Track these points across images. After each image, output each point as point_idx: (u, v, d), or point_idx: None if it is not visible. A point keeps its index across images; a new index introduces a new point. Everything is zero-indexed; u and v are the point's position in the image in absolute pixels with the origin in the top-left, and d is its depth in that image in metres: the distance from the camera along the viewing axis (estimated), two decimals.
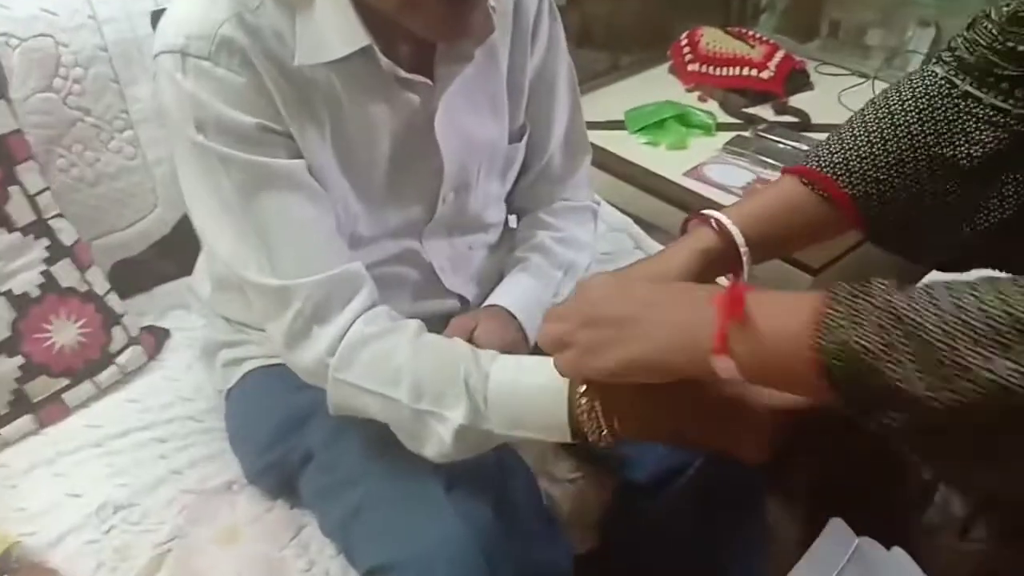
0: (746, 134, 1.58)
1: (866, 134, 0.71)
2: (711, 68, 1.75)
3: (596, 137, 1.54)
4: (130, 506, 0.88)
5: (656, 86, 1.80)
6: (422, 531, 0.74)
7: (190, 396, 1.03)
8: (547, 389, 0.66)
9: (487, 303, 0.91)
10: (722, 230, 0.70)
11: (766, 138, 1.55)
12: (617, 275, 0.69)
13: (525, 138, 0.94)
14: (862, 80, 1.76)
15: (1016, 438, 0.43)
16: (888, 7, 1.82)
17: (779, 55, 1.74)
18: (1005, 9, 0.66)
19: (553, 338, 0.61)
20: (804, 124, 1.61)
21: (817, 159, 0.72)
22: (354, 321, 0.73)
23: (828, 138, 0.74)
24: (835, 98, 1.71)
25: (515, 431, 0.69)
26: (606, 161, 1.52)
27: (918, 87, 0.71)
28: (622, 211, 1.34)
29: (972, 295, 0.42)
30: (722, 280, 0.73)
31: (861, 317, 0.45)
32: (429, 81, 0.78)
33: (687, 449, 0.87)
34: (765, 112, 1.67)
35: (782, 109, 1.66)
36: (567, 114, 0.96)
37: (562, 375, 0.63)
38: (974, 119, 0.68)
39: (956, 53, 0.70)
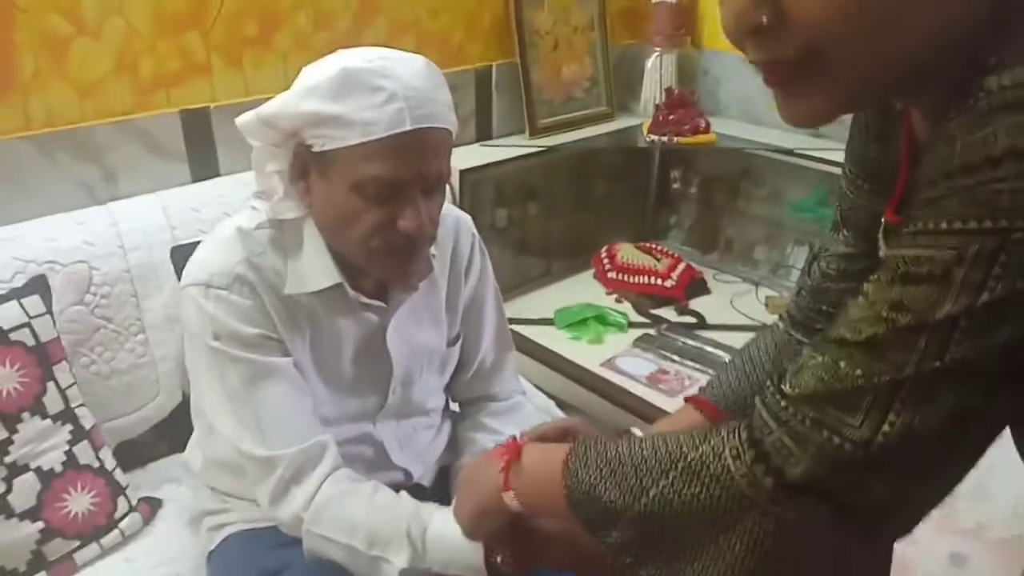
0: (652, 332, 1.87)
1: (736, 372, 0.94)
2: (625, 276, 2.08)
3: (529, 331, 1.84)
4: None
5: (580, 290, 2.11)
6: None
7: (177, 557, 1.20)
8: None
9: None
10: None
11: (668, 336, 1.85)
12: (469, 462, 0.95)
13: (459, 343, 1.21)
14: (751, 287, 2.09)
15: (695, 539, 0.62)
16: (772, 228, 2.16)
17: (681, 266, 2.07)
18: (814, 280, 0.89)
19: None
20: (700, 324, 1.92)
21: (704, 391, 0.96)
22: (323, 482, 0.96)
23: (714, 376, 0.97)
24: (728, 302, 2.02)
25: (448, 570, 0.91)
26: (536, 352, 1.80)
27: (769, 338, 0.93)
28: (547, 394, 1.60)
29: (652, 438, 0.66)
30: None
31: (588, 460, 0.68)
32: (384, 304, 1.06)
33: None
34: (669, 313, 1.97)
35: (683, 311, 1.97)
36: (494, 324, 1.23)
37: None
38: None
39: (790, 312, 0.92)
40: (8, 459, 1.12)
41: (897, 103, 0.67)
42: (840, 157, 0.83)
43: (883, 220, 0.68)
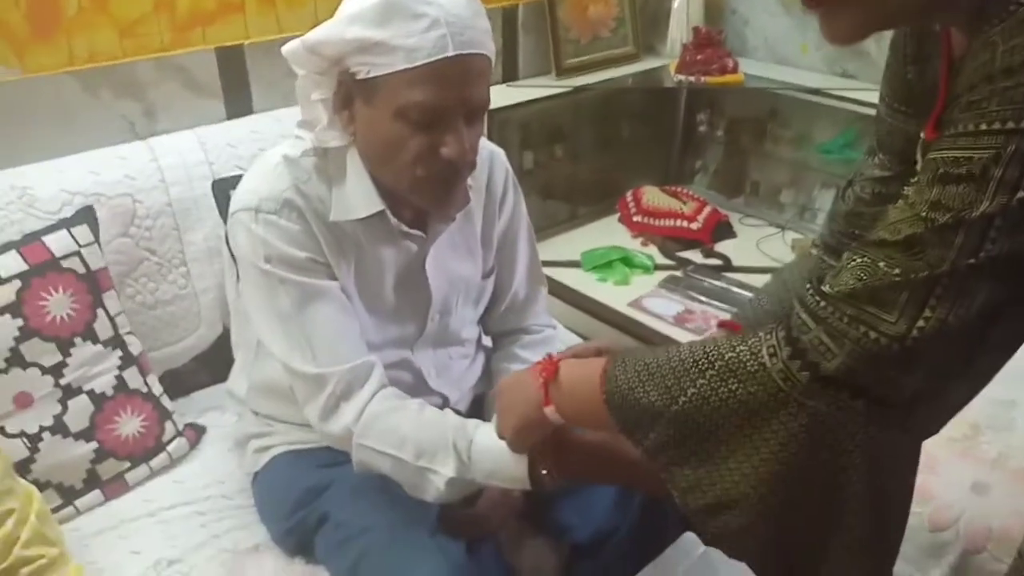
0: (678, 274, 1.90)
1: (768, 297, 0.97)
2: (651, 219, 2.10)
3: (556, 273, 1.87)
4: (179, 561, 1.11)
5: (606, 233, 2.14)
6: (413, 568, 0.98)
7: (222, 480, 1.26)
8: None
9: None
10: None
11: (694, 277, 1.88)
12: (506, 378, 0.95)
13: (493, 276, 1.23)
14: (777, 230, 2.11)
15: (729, 437, 0.65)
16: (798, 171, 2.17)
17: (707, 210, 2.09)
18: (848, 204, 0.90)
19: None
20: (726, 266, 1.94)
21: (736, 316, 0.99)
22: (371, 399, 1.00)
23: (748, 300, 1.00)
24: (754, 245, 2.05)
25: (491, 480, 0.96)
26: (564, 293, 1.83)
27: (803, 265, 0.96)
28: (576, 333, 1.63)
29: (689, 343, 0.68)
30: None
31: (627, 365, 0.71)
32: (423, 234, 1.09)
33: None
34: (695, 256, 1.99)
35: (709, 253, 2.00)
36: (527, 259, 1.26)
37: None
38: None
39: (824, 238, 0.94)
40: (63, 381, 1.17)
41: (936, 23, 0.68)
42: (867, 97, 0.85)
43: (922, 137, 0.70)
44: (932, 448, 0.70)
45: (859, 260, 0.58)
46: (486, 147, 1.17)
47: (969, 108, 0.52)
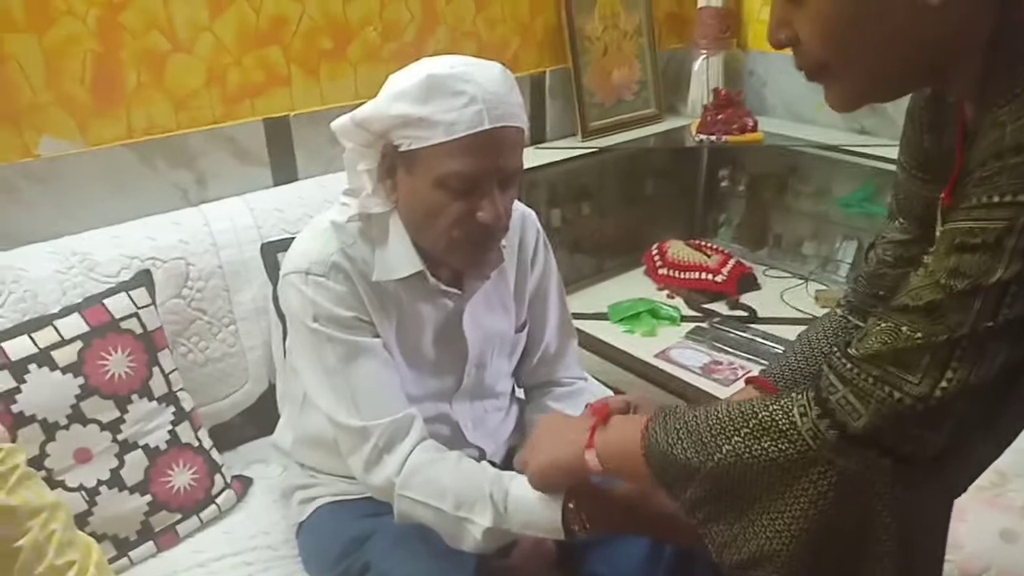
0: (704, 325, 1.94)
1: (795, 355, 0.99)
2: (677, 272, 2.14)
3: (585, 326, 1.92)
4: None
5: (633, 286, 2.18)
6: None
7: (268, 530, 1.31)
8: (547, 500, 0.97)
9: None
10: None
11: (720, 329, 1.91)
12: (550, 415, 1.01)
13: (526, 330, 1.29)
14: (801, 282, 2.14)
15: (763, 494, 0.67)
16: (819, 224, 2.21)
17: (731, 263, 2.13)
18: (871, 266, 0.94)
19: (518, 458, 0.97)
20: (751, 318, 1.97)
21: (765, 372, 1.01)
22: (412, 451, 1.05)
23: (775, 357, 1.03)
24: (778, 296, 2.08)
25: (526, 530, 1.00)
26: (593, 345, 1.87)
27: (828, 323, 0.98)
28: (605, 384, 1.66)
29: (726, 402, 0.72)
30: None
31: (667, 423, 0.74)
32: (460, 292, 1.15)
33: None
34: (720, 308, 2.03)
35: (734, 305, 2.03)
36: (557, 313, 1.32)
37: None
38: None
39: (848, 299, 0.97)
40: (120, 437, 1.24)
41: (946, 94, 0.74)
42: (884, 152, 0.90)
43: (940, 203, 0.75)
44: (960, 497, 0.72)
45: (883, 325, 0.62)
46: (518, 208, 1.23)
47: (982, 183, 0.57)
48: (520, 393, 1.38)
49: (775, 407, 0.67)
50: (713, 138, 2.07)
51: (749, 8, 2.25)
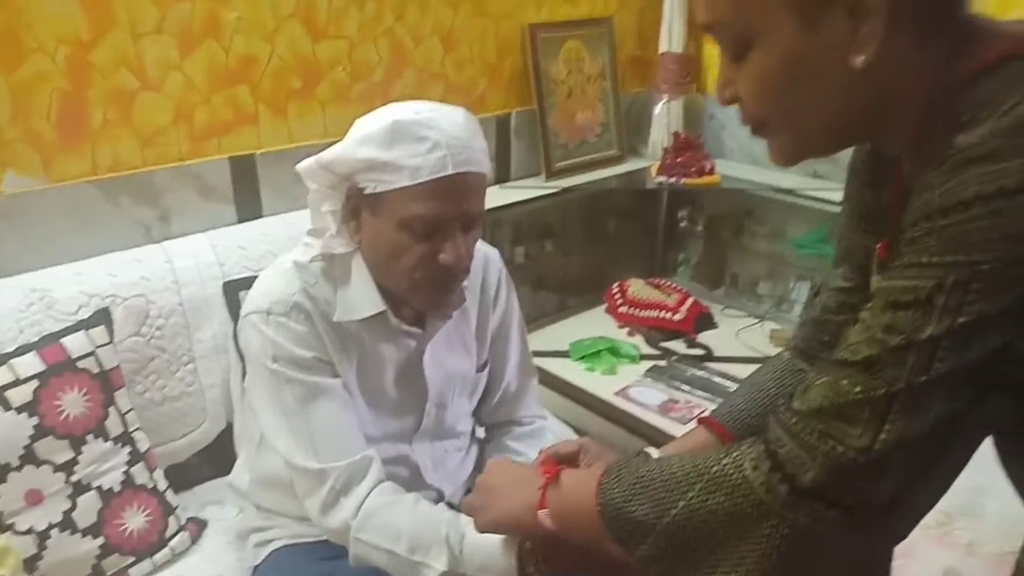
0: (663, 363, 1.96)
1: (744, 397, 1.01)
2: (636, 310, 2.18)
3: (547, 363, 1.93)
4: None
5: (594, 323, 2.21)
6: None
7: (222, 574, 1.29)
8: (503, 543, 0.98)
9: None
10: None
11: (678, 367, 1.94)
12: (498, 461, 0.99)
13: (487, 369, 1.30)
14: (756, 321, 2.19)
15: (717, 548, 0.68)
16: (775, 264, 2.26)
17: (689, 301, 2.17)
18: (816, 312, 0.96)
19: (466, 503, 0.96)
20: (708, 356, 2.01)
21: (715, 413, 1.02)
22: (369, 493, 1.05)
23: (725, 400, 1.04)
24: (735, 335, 2.12)
25: (483, 574, 1.00)
26: (554, 383, 1.89)
27: (775, 367, 0.99)
28: (565, 423, 1.68)
29: (679, 456, 0.73)
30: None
31: (621, 479, 0.75)
32: (421, 331, 1.16)
33: None
34: (679, 346, 2.06)
35: (692, 343, 2.06)
36: (518, 352, 1.33)
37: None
38: None
39: (795, 343, 0.98)
40: (74, 478, 1.22)
41: (887, 152, 0.77)
42: (837, 196, 0.93)
43: (876, 256, 0.78)
44: (910, 536, 0.75)
45: (825, 379, 0.64)
46: (481, 249, 1.25)
47: (913, 243, 0.60)
48: (481, 432, 1.39)
49: (727, 460, 0.68)
50: (672, 180, 2.12)
51: (709, 54, 2.33)
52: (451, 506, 1.23)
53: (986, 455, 0.72)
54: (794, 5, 0.63)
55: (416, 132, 0.99)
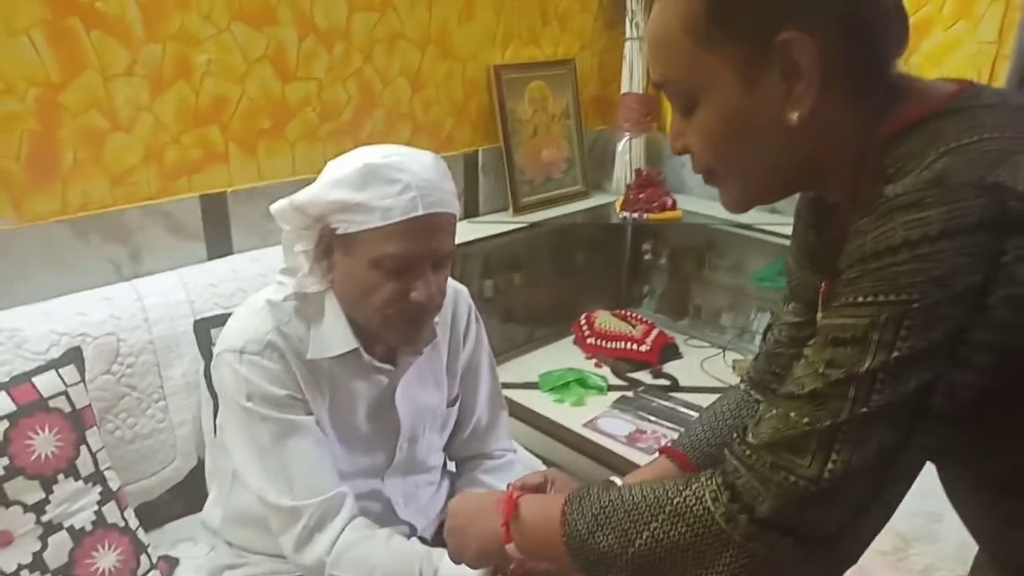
0: (630, 394, 2.01)
1: (703, 427, 1.05)
2: (603, 342, 2.22)
3: (516, 395, 1.96)
4: None
5: (563, 355, 2.25)
6: None
7: None
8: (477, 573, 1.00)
9: None
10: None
11: (644, 398, 1.98)
12: (457, 499, 0.99)
13: (458, 404, 1.33)
14: (719, 351, 2.25)
15: None
16: (735, 297, 2.34)
17: (655, 332, 2.23)
18: (768, 345, 1.01)
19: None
20: (674, 386, 2.06)
21: (676, 443, 1.06)
22: (343, 529, 1.06)
23: (685, 430, 1.08)
24: (699, 365, 2.18)
25: None
26: (523, 415, 1.92)
27: (732, 398, 1.03)
28: (535, 454, 1.71)
29: (641, 486, 0.75)
30: None
31: (584, 510, 0.77)
32: (393, 367, 1.19)
33: None
34: (645, 376, 2.11)
35: (657, 374, 2.11)
36: (488, 386, 1.36)
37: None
38: None
39: (750, 375, 1.02)
40: (44, 518, 1.21)
41: (828, 198, 0.83)
42: None
43: (820, 295, 0.83)
44: (865, 561, 0.78)
45: (775, 412, 0.67)
46: (451, 285, 1.27)
47: (848, 284, 0.65)
48: (451, 466, 1.41)
49: (687, 492, 0.71)
50: (636, 215, 2.18)
51: None
52: (424, 540, 1.26)
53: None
54: (736, 65, 0.69)
55: (387, 175, 1.03)
